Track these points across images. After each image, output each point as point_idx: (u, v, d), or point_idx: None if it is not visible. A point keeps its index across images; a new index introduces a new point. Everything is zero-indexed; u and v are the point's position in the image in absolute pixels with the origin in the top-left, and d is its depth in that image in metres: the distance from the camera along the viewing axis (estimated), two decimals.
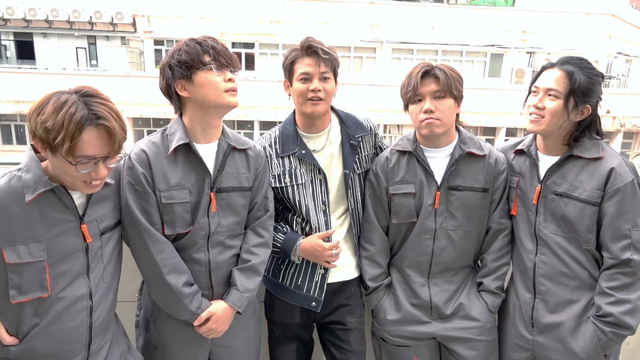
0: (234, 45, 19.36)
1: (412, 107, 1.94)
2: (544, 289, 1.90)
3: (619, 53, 20.84)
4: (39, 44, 20.29)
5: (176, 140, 1.72)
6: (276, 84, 13.69)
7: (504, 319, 2.07)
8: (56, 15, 19.48)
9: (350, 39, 19.59)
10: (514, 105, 16.96)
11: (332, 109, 2.08)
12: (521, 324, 1.98)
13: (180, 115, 1.78)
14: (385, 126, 18.02)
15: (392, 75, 18.87)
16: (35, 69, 19.51)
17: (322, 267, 2.01)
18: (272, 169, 2.00)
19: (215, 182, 1.77)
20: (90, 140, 1.40)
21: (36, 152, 1.50)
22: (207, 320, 1.79)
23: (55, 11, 19.39)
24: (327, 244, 1.96)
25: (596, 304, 1.81)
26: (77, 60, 20.60)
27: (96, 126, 1.41)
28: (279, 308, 2.09)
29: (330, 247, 1.96)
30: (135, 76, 17.73)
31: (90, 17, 19.68)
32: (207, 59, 1.66)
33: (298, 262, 2.01)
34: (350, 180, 2.03)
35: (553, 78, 1.82)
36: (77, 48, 20.58)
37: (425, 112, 1.88)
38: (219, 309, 1.80)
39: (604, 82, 1.88)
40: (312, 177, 2.01)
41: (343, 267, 2.06)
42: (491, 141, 17.40)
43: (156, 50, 19.72)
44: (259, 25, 19.33)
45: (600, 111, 1.88)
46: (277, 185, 2.00)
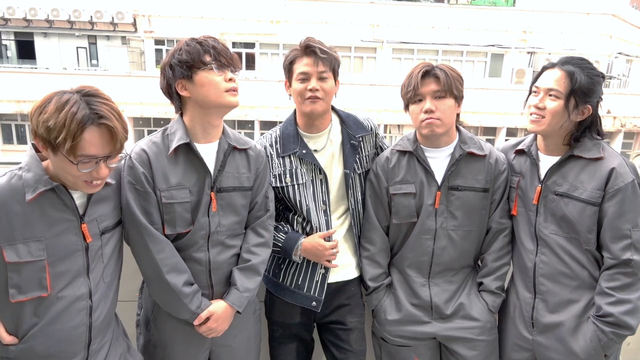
0: (234, 45, 19.35)
1: (412, 107, 1.94)
2: (544, 289, 1.90)
3: (620, 53, 20.83)
4: (39, 43, 20.29)
5: (177, 140, 1.72)
6: (277, 84, 13.67)
7: (504, 319, 2.07)
8: (57, 15, 19.48)
9: (350, 38, 19.58)
10: (515, 106, 16.99)
11: (333, 108, 2.08)
12: (521, 324, 1.98)
13: (181, 115, 1.78)
14: (385, 126, 18.01)
15: (392, 75, 18.86)
16: (36, 68, 19.51)
17: (323, 266, 2.02)
18: (272, 169, 2.00)
19: (215, 182, 1.77)
20: (91, 140, 1.40)
21: (37, 151, 1.50)
22: (207, 319, 1.79)
23: (55, 11, 19.39)
24: (328, 243, 1.97)
25: (596, 304, 1.81)
26: (78, 60, 20.59)
27: (98, 125, 1.41)
28: (279, 308, 2.09)
29: (331, 246, 1.97)
30: (136, 76, 17.73)
31: (91, 16, 19.67)
32: (207, 58, 1.66)
33: (299, 261, 2.01)
34: (350, 180, 2.03)
35: (554, 78, 1.82)
36: (77, 48, 20.57)
37: (426, 112, 1.89)
38: (218, 308, 1.80)
39: (604, 82, 1.88)
40: (312, 176, 2.01)
41: (343, 267, 2.06)
42: (491, 141, 17.38)
43: (157, 50, 19.71)
44: (259, 25, 19.32)
45: (600, 111, 1.88)
46: (278, 184, 2.00)
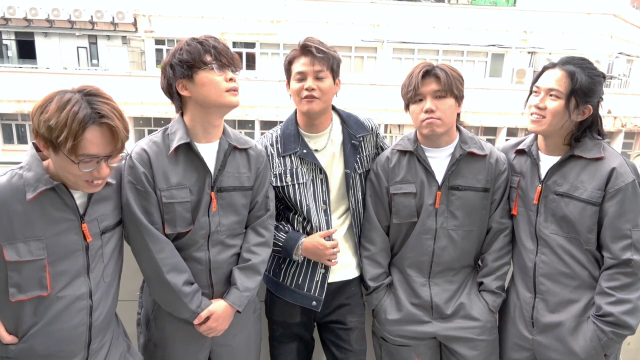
0: (235, 44, 19.35)
1: (413, 106, 1.94)
2: (545, 289, 1.90)
3: (620, 53, 20.81)
4: (40, 43, 20.29)
5: (177, 140, 1.72)
6: (277, 84, 13.69)
7: (504, 319, 2.07)
8: (57, 14, 19.47)
9: (351, 38, 19.58)
10: (515, 105, 17.00)
11: (334, 108, 2.08)
12: (521, 324, 1.98)
13: (182, 114, 1.78)
14: (386, 126, 18.02)
15: (393, 75, 18.86)
16: (37, 68, 19.51)
17: (323, 266, 2.02)
18: (273, 168, 2.00)
19: (216, 182, 1.78)
20: (93, 139, 1.40)
21: (38, 150, 1.50)
22: (207, 319, 1.79)
23: (56, 11, 19.39)
24: (328, 242, 1.97)
25: (596, 304, 1.81)
26: (78, 59, 20.58)
27: (99, 125, 1.41)
28: (279, 307, 2.09)
29: (332, 245, 1.97)
30: (136, 76, 17.75)
31: (91, 16, 19.66)
32: (208, 58, 1.66)
33: (300, 260, 2.01)
34: (351, 180, 2.03)
35: (554, 78, 1.82)
36: (78, 47, 20.56)
37: (426, 111, 1.88)
38: (218, 307, 1.80)
39: (605, 82, 1.88)
40: (313, 176, 2.01)
41: (343, 266, 2.06)
42: (492, 141, 17.37)
43: (157, 50, 19.72)
44: (260, 25, 19.32)
45: (601, 111, 1.88)
46: (278, 184, 2.00)
